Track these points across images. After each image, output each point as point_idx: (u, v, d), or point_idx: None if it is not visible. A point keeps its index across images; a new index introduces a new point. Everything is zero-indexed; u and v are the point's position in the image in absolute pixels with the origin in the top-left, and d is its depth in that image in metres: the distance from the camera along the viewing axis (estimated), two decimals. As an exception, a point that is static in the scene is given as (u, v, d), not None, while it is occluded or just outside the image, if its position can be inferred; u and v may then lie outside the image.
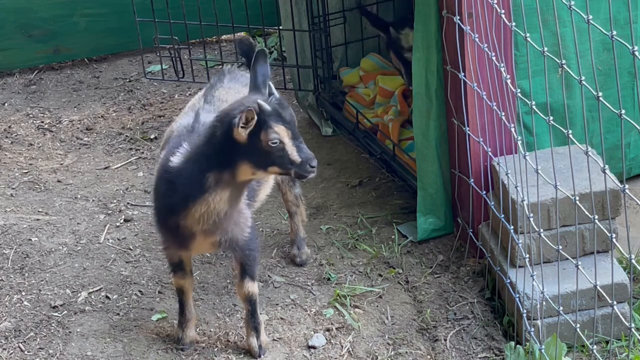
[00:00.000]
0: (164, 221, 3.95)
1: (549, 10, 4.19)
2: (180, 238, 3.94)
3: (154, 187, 4.01)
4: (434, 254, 4.93)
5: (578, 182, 3.79)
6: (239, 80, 4.44)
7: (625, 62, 4.54)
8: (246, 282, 4.11)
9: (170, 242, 4.06)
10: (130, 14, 6.43)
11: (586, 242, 4.29)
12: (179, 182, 3.77)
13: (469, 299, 4.55)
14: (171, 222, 3.88)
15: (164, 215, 3.93)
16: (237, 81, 4.43)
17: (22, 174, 5.93)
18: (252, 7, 6.33)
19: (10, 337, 4.50)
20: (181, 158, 3.80)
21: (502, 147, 4.45)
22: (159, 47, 6.63)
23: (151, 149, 6.21)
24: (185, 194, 3.75)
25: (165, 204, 3.87)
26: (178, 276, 4.21)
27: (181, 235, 3.90)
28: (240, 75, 4.50)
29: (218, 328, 4.49)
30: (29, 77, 7.37)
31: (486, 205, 4.59)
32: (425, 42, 4.69)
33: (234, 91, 4.28)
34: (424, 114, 4.84)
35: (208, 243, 3.95)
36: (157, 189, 3.97)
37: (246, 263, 4.06)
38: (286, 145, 3.64)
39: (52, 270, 4.94)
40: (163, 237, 4.07)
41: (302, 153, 3.67)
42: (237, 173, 3.70)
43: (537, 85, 4.35)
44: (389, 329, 4.44)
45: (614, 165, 4.63)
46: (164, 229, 3.99)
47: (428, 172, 4.92)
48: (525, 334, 4.10)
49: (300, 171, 3.69)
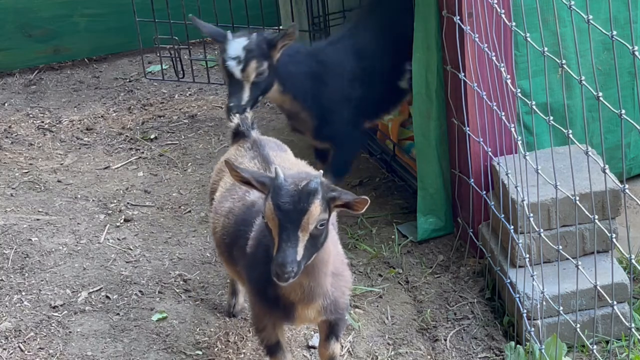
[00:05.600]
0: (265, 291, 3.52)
1: (549, 10, 4.19)
2: (281, 310, 3.54)
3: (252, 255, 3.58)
4: (434, 254, 4.93)
5: (578, 182, 3.79)
6: (273, 147, 4.08)
7: (625, 62, 4.54)
8: (332, 343, 3.77)
9: (270, 316, 3.65)
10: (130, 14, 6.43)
11: (586, 242, 4.29)
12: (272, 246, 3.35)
13: (469, 299, 4.55)
14: (271, 292, 3.49)
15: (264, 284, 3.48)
16: (274, 148, 4.09)
17: (22, 174, 5.93)
18: (252, 7, 6.34)
19: (10, 337, 4.50)
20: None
21: (502, 147, 4.46)
22: (159, 47, 6.65)
23: (151, 149, 6.21)
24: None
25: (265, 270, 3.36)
26: (278, 358, 3.79)
27: (282, 306, 3.51)
28: (270, 141, 4.14)
29: (218, 328, 4.49)
30: (29, 77, 7.37)
31: (486, 205, 4.59)
32: (425, 42, 4.69)
33: (284, 157, 4.03)
34: (424, 114, 4.85)
35: (313, 311, 3.53)
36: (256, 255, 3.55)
37: (337, 324, 3.72)
38: (272, 231, 3.21)
39: (52, 270, 4.94)
40: (262, 311, 3.66)
41: (277, 251, 3.16)
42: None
43: (537, 85, 4.35)
44: (389, 329, 4.44)
45: (614, 165, 4.63)
46: (264, 301, 3.58)
47: (428, 172, 4.92)
48: (526, 334, 4.10)
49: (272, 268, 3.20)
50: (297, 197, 3.16)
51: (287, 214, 3.15)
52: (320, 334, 3.83)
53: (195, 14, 6.30)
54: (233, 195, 3.87)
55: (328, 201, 3.23)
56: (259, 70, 4.62)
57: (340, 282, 3.57)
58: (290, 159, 4.05)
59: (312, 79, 4.86)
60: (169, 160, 6.06)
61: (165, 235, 5.25)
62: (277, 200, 3.17)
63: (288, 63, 4.77)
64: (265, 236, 3.40)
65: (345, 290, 3.61)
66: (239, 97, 4.62)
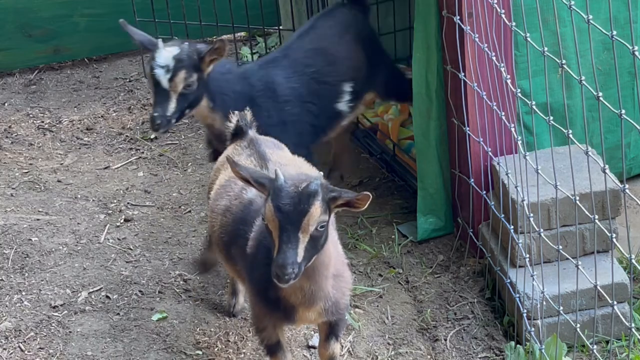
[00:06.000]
0: (265, 292, 3.52)
1: (549, 10, 4.19)
2: (282, 312, 3.54)
3: (253, 256, 3.58)
4: (434, 254, 4.93)
5: (578, 182, 3.79)
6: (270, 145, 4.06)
7: (625, 62, 4.54)
8: (332, 343, 3.77)
9: (271, 317, 3.64)
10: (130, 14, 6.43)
11: (586, 242, 4.29)
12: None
13: (469, 298, 4.56)
14: (272, 294, 3.49)
15: (265, 285, 3.48)
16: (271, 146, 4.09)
17: (22, 174, 5.93)
18: (252, 7, 6.34)
19: (10, 337, 4.50)
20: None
21: (502, 147, 4.46)
22: (159, 47, 6.63)
23: (151, 149, 6.21)
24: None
25: (266, 272, 3.35)
26: (278, 358, 3.79)
27: (283, 308, 3.52)
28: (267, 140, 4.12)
29: (218, 328, 4.49)
30: (29, 77, 7.37)
31: (486, 205, 4.59)
32: (425, 42, 4.69)
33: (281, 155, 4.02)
34: (424, 113, 4.85)
35: (314, 313, 3.54)
36: (257, 256, 3.54)
37: (337, 324, 3.72)
38: (272, 233, 3.20)
39: (52, 270, 4.94)
40: (262, 312, 3.66)
41: (278, 253, 3.15)
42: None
43: (537, 85, 4.35)
44: (389, 329, 4.44)
45: (614, 165, 4.63)
46: (265, 302, 3.58)
47: (428, 172, 4.92)
48: (526, 334, 4.10)
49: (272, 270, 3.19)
50: (298, 199, 3.15)
51: (287, 216, 3.15)
52: (320, 334, 3.82)
53: (195, 14, 6.31)
54: (229, 193, 3.86)
55: (328, 202, 3.23)
56: (188, 82, 4.39)
57: (340, 283, 3.57)
58: (287, 156, 4.04)
59: (245, 100, 4.54)
60: (169, 160, 6.07)
61: (165, 235, 5.25)
62: (278, 201, 3.16)
63: (220, 80, 4.56)
64: (265, 237, 3.39)
65: (346, 291, 3.61)
66: (164, 108, 4.39)
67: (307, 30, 5.01)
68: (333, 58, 4.91)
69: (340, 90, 4.93)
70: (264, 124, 4.42)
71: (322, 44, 4.93)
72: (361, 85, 5.00)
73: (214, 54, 4.42)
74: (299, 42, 4.95)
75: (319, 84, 4.86)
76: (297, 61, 4.85)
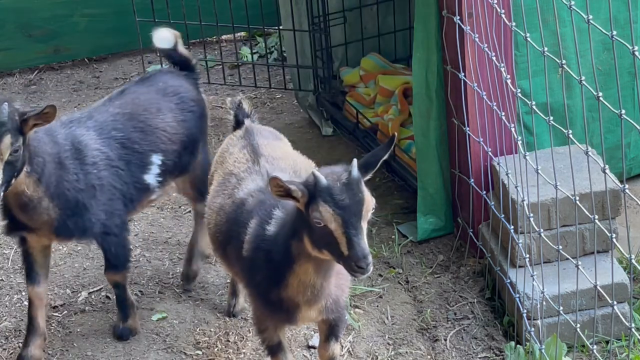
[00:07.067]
0: (266, 294, 3.53)
1: (549, 10, 4.18)
2: (285, 312, 3.53)
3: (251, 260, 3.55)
4: (434, 254, 4.93)
5: (578, 182, 3.79)
6: (267, 136, 4.04)
7: (625, 62, 4.54)
8: (332, 344, 3.76)
9: (272, 318, 3.64)
10: (130, 14, 6.43)
11: (586, 242, 4.29)
12: (274, 250, 3.41)
13: (469, 299, 4.56)
14: (274, 295, 3.49)
15: (265, 288, 3.50)
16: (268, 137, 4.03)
17: (22, 174, 5.92)
18: (252, 7, 6.34)
19: (10, 337, 4.50)
20: (275, 226, 3.46)
21: (502, 147, 4.46)
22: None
23: (151, 149, 6.20)
24: (281, 262, 3.39)
25: (266, 275, 3.45)
26: (279, 358, 3.77)
27: (286, 309, 3.51)
28: (264, 130, 4.11)
29: (218, 328, 4.49)
30: (29, 77, 7.37)
31: (486, 205, 4.59)
32: (425, 42, 4.69)
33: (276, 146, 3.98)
34: (424, 113, 4.85)
35: (315, 311, 3.54)
36: (255, 259, 3.53)
37: (337, 324, 3.70)
38: (334, 232, 3.13)
39: (52, 270, 4.92)
40: (263, 313, 3.65)
41: (352, 247, 3.10)
42: (304, 246, 3.27)
43: (537, 85, 4.35)
44: (389, 329, 4.44)
45: (614, 165, 4.63)
46: (266, 304, 3.58)
47: (428, 172, 4.92)
48: (526, 334, 4.10)
49: (346, 267, 3.15)
50: (350, 191, 3.15)
51: (348, 209, 3.13)
52: (320, 334, 3.82)
53: (195, 14, 6.31)
54: (224, 191, 3.86)
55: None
56: (15, 147, 3.80)
57: (341, 280, 3.57)
58: (284, 148, 4.01)
59: (55, 162, 4.12)
60: (169, 160, 6.06)
61: (165, 235, 5.25)
62: (333, 200, 3.13)
63: (34, 139, 4.00)
64: (264, 241, 3.39)
65: (345, 288, 3.62)
66: None
67: (118, 94, 4.64)
68: (143, 126, 4.53)
69: (148, 162, 4.50)
70: (72, 188, 4.13)
71: (132, 110, 4.55)
72: (172, 162, 4.58)
73: (41, 119, 3.89)
74: (106, 105, 4.55)
75: (126, 150, 4.44)
76: (103, 123, 4.44)
